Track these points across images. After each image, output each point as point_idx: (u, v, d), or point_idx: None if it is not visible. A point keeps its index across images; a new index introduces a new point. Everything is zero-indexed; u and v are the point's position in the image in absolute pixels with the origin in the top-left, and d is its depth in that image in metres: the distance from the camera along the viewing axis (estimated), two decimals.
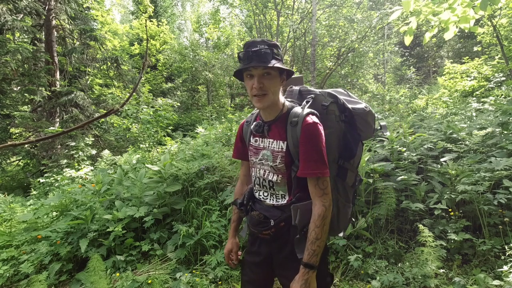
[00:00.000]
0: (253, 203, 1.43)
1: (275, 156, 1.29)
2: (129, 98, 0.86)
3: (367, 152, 3.07)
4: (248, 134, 1.43)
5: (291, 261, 1.29)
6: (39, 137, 7.01)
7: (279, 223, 1.30)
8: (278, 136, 1.29)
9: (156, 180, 3.44)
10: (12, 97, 8.10)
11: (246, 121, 1.47)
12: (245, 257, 1.50)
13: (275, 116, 1.31)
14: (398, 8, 2.46)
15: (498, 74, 6.84)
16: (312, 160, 1.18)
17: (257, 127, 1.33)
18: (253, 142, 1.39)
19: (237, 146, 1.52)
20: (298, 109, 1.28)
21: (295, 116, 1.25)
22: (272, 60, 1.19)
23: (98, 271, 2.15)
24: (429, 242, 2.30)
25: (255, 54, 1.18)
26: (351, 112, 1.32)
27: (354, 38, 11.07)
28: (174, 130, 9.18)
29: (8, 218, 3.68)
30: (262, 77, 1.21)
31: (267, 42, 1.22)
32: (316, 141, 1.19)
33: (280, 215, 1.31)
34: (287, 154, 1.26)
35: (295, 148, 1.23)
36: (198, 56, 14.57)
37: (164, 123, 5.91)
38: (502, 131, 3.25)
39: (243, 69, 1.22)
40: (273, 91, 1.23)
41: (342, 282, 2.49)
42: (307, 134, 1.20)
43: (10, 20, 6.72)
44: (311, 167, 1.18)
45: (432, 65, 18.54)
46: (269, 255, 1.39)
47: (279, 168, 1.29)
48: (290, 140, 1.24)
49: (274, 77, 1.22)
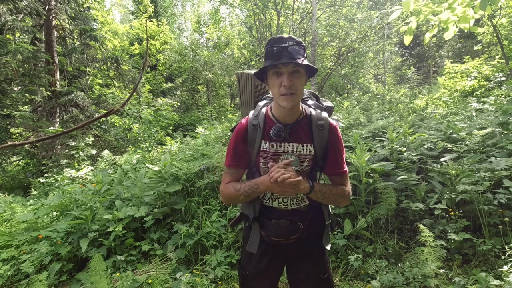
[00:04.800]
0: (267, 212, 1.36)
1: (302, 159, 1.28)
2: (129, 98, 0.86)
3: (367, 152, 3.07)
4: (258, 139, 1.27)
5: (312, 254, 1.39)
6: (39, 137, 7.02)
7: (305, 224, 1.34)
8: (304, 139, 1.27)
9: (156, 180, 3.44)
10: (12, 97, 8.10)
11: (253, 125, 1.28)
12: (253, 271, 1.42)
13: (296, 118, 1.26)
14: (398, 8, 2.46)
15: (498, 73, 6.84)
16: (341, 160, 1.30)
17: (279, 132, 1.22)
18: (268, 147, 1.27)
19: (237, 152, 1.32)
20: (316, 111, 1.31)
21: (320, 119, 1.27)
22: (302, 57, 1.14)
23: (99, 271, 2.15)
24: (429, 242, 2.30)
25: (286, 50, 1.11)
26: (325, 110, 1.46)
27: (354, 38, 11.05)
28: (174, 130, 9.18)
29: (8, 218, 3.68)
30: (292, 75, 1.14)
31: (295, 39, 1.15)
32: (341, 143, 1.31)
33: (304, 216, 1.35)
34: (314, 157, 1.29)
35: (322, 150, 1.28)
36: (198, 56, 14.57)
37: (164, 123, 5.92)
38: (502, 131, 3.25)
39: (268, 66, 1.14)
40: (301, 90, 1.17)
41: (342, 282, 2.49)
42: (335, 136, 1.29)
43: (11, 20, 6.72)
44: (341, 166, 1.30)
45: (432, 65, 18.53)
46: (285, 259, 1.42)
47: (304, 171, 1.30)
48: (318, 142, 1.26)
49: (303, 76, 1.17)
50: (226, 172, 1.35)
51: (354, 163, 3.01)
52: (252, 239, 1.38)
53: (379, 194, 2.90)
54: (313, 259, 1.40)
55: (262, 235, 1.36)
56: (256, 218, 1.35)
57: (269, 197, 1.35)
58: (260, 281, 1.45)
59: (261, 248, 1.38)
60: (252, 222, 1.36)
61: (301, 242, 1.37)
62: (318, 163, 1.30)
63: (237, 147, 1.32)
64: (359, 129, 4.25)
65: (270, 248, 1.38)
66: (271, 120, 1.28)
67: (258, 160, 1.30)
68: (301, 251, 1.39)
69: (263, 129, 1.27)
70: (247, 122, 1.31)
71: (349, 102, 6.90)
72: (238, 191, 1.26)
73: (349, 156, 3.04)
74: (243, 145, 1.31)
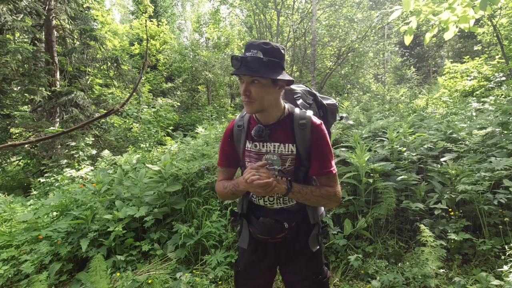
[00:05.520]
0: (253, 210, 1.41)
1: (284, 159, 1.28)
2: (129, 98, 0.86)
3: (367, 152, 3.07)
4: (242, 139, 1.34)
5: (301, 256, 1.36)
6: (39, 137, 7.01)
7: (291, 224, 1.33)
8: (285, 139, 1.28)
9: (156, 180, 3.44)
10: (12, 97, 8.10)
11: (237, 126, 1.36)
12: (244, 267, 1.45)
13: (277, 119, 1.28)
14: (398, 7, 2.46)
15: (498, 73, 6.83)
16: (326, 160, 1.26)
17: (259, 132, 1.26)
18: (252, 147, 1.32)
19: (225, 152, 1.40)
20: (300, 111, 1.30)
21: (302, 119, 1.26)
22: (262, 67, 1.14)
23: (99, 271, 2.16)
24: (429, 242, 2.30)
25: (245, 60, 1.14)
26: (326, 108, 1.49)
27: (354, 38, 11.06)
28: (174, 130, 9.17)
29: (8, 218, 3.68)
30: (250, 84, 1.17)
31: (264, 46, 1.16)
32: (326, 141, 1.26)
33: (291, 216, 1.34)
34: (297, 156, 1.27)
35: (305, 150, 1.26)
36: (198, 56, 14.56)
37: (164, 123, 5.91)
38: (502, 131, 3.25)
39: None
40: (260, 99, 1.18)
41: (342, 282, 2.49)
42: (317, 135, 1.25)
43: (10, 20, 6.72)
44: (325, 166, 1.26)
45: (432, 65, 18.53)
46: (276, 258, 1.41)
47: (288, 170, 1.30)
48: (300, 142, 1.25)
49: (264, 86, 1.17)
50: (219, 170, 1.46)
51: (354, 163, 3.01)
52: (242, 235, 1.45)
53: (379, 194, 2.90)
54: (305, 260, 1.37)
55: (250, 232, 1.41)
56: (243, 215, 1.41)
57: (256, 196, 1.37)
58: (251, 279, 1.45)
59: (252, 244, 1.42)
60: (240, 218, 1.42)
61: (290, 242, 1.36)
62: (304, 163, 1.28)
63: (225, 147, 1.40)
64: (359, 129, 4.25)
65: (260, 245, 1.41)
66: (254, 121, 1.32)
67: (244, 159, 1.36)
68: (292, 250, 1.38)
69: (247, 130, 1.33)
70: (234, 123, 1.38)
71: (349, 102, 6.90)
72: (225, 188, 1.35)
73: (349, 156, 3.03)
74: (230, 145, 1.38)
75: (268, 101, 1.21)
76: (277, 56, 1.18)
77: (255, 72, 1.14)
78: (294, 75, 13.07)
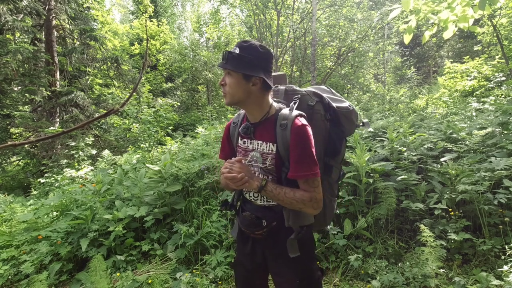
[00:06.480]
0: (243, 203, 1.45)
1: (264, 157, 1.30)
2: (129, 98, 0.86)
3: (367, 152, 3.07)
4: (235, 135, 1.42)
5: (282, 258, 1.34)
6: (39, 137, 7.02)
7: (271, 223, 1.33)
8: (267, 138, 1.29)
9: (156, 180, 3.44)
10: (12, 97, 8.10)
11: (233, 122, 1.45)
12: (238, 258, 1.51)
13: (260, 117, 1.31)
14: (398, 6, 2.45)
15: (498, 73, 6.83)
16: (303, 162, 1.20)
17: (245, 129, 1.32)
18: (241, 143, 1.38)
19: (224, 147, 1.52)
20: (286, 111, 1.28)
21: (284, 119, 1.25)
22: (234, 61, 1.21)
23: (99, 271, 2.15)
24: (430, 242, 2.30)
25: (224, 55, 1.24)
26: (336, 111, 1.38)
27: (354, 38, 11.06)
28: (174, 130, 9.18)
29: (8, 218, 3.68)
30: (226, 76, 1.26)
31: (242, 44, 1.23)
32: (306, 144, 1.20)
33: (272, 215, 1.34)
34: (277, 156, 1.27)
35: (285, 151, 1.24)
36: (198, 56, 14.55)
37: (164, 123, 5.91)
38: (502, 131, 3.25)
39: None
40: (231, 92, 1.25)
41: (342, 282, 2.49)
42: (297, 137, 1.21)
43: (11, 20, 6.72)
44: (302, 169, 1.20)
45: (432, 65, 18.53)
46: (263, 253, 1.42)
47: (269, 169, 1.30)
48: (280, 142, 1.25)
49: (235, 78, 1.23)
50: None
51: (354, 163, 3.01)
52: (234, 225, 1.55)
53: (379, 194, 2.90)
54: (286, 263, 1.34)
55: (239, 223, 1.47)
56: (232, 206, 1.48)
57: (247, 189, 1.41)
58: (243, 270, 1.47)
59: (240, 235, 1.48)
60: (228, 209, 1.48)
61: (271, 241, 1.35)
62: (285, 164, 1.26)
63: (224, 142, 1.50)
64: (359, 129, 4.25)
65: (248, 239, 1.45)
66: (246, 118, 1.38)
67: (237, 154, 1.43)
68: (276, 248, 1.35)
69: (240, 127, 1.39)
70: (232, 120, 1.48)
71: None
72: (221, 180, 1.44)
73: (349, 156, 3.04)
74: (227, 140, 1.48)
75: (239, 95, 1.25)
76: (252, 53, 1.22)
77: (226, 64, 1.22)
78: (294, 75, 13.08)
